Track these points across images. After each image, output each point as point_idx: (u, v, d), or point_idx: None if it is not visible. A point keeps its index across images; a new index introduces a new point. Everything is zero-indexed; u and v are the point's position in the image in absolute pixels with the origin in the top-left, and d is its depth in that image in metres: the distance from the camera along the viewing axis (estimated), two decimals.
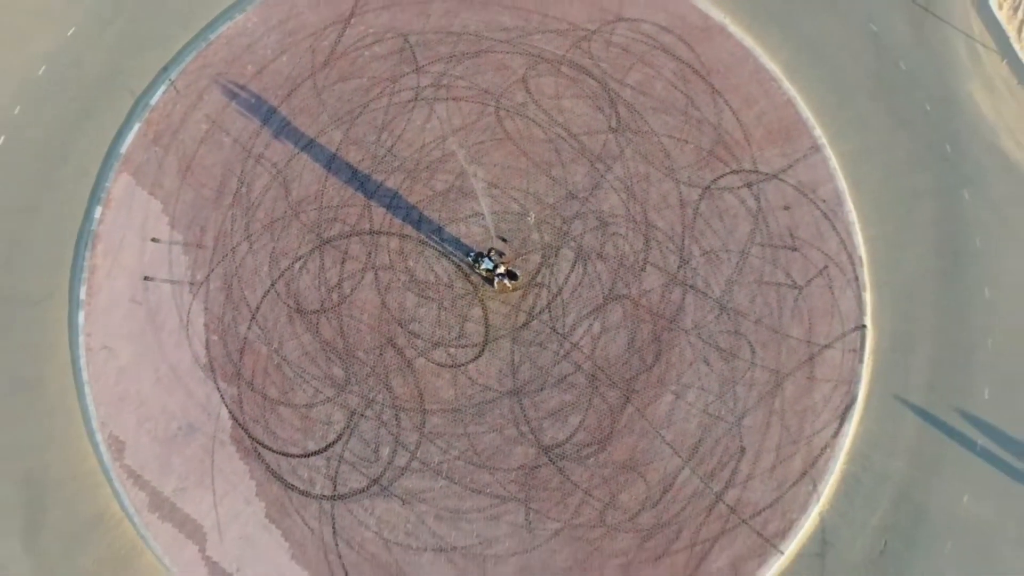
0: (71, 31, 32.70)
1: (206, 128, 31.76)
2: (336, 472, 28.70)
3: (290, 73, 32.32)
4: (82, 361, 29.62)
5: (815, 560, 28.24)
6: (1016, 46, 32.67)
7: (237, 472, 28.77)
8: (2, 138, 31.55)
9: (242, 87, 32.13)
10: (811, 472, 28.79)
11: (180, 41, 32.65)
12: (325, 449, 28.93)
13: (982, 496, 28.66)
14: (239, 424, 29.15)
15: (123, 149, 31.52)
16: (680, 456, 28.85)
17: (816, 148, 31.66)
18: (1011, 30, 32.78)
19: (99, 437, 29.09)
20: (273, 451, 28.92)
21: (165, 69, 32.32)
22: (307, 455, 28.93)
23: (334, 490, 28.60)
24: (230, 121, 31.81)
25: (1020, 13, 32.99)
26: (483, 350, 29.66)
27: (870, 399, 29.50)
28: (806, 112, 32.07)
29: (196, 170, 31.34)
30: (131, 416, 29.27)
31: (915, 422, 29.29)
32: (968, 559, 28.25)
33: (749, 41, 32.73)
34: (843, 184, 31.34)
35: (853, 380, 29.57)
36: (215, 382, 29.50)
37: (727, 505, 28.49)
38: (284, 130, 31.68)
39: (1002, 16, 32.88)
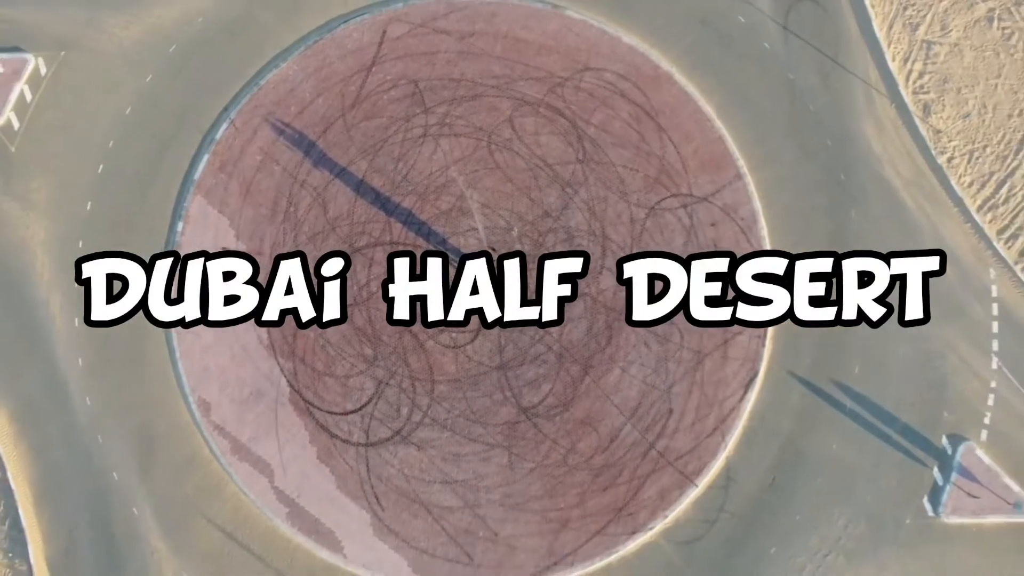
0: (149, 78, 40.87)
1: (260, 159, 40.35)
2: (368, 426, 38.62)
3: (325, 113, 40.65)
4: (175, 341, 39.12)
5: (721, 491, 38.38)
6: (903, 92, 40.85)
7: (295, 426, 38.71)
8: (101, 167, 40.24)
9: (287, 124, 40.56)
10: (721, 427, 38.67)
11: (236, 87, 40.81)
12: (359, 409, 38.76)
13: (847, 445, 38.60)
14: (295, 390, 38.89)
15: (196, 176, 40.20)
16: (624, 415, 38.70)
17: (739, 176, 40.27)
18: (900, 79, 40.89)
19: (191, 399, 38.88)
20: (321, 410, 38.77)
21: (225, 110, 40.67)
22: (346, 413, 38.79)
23: (367, 439, 38.57)
24: (279, 153, 40.38)
25: (908, 64, 41.05)
26: (478, 335, 39.11)
27: (768, 373, 39.06)
28: (732, 147, 40.50)
29: (254, 193, 40.10)
30: (214, 383, 38.99)
31: (800, 391, 39.00)
32: (834, 490, 38.34)
33: (691, 88, 40.88)
34: (758, 205, 40.09)
35: (756, 359, 39.11)
36: (275, 358, 39.10)
37: (658, 451, 38.48)
38: (322, 160, 40.29)
39: (894, 67, 40.94)
